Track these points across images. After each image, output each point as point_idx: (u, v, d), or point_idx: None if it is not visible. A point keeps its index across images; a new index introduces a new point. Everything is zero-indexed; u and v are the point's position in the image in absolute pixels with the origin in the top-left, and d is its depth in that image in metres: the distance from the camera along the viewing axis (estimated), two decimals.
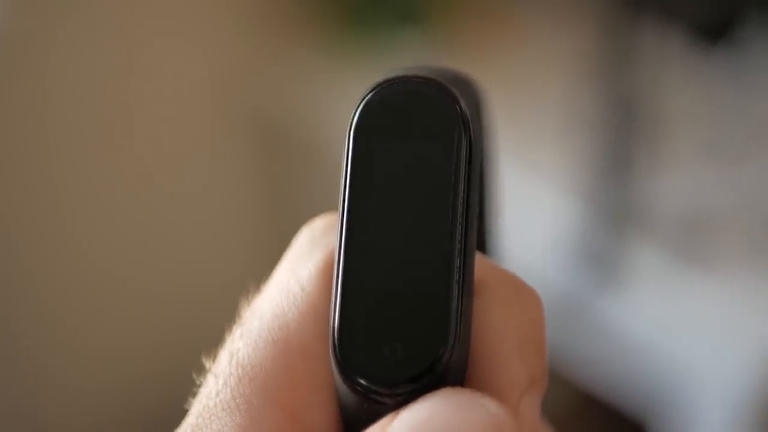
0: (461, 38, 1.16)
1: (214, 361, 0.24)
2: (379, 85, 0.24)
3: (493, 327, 0.23)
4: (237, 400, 0.23)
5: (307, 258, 0.24)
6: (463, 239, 0.23)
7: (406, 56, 1.13)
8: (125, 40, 1.10)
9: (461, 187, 0.23)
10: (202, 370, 0.24)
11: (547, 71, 1.10)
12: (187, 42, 1.14)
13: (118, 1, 1.09)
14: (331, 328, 0.22)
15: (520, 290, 0.24)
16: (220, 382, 0.23)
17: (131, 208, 1.15)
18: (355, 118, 0.23)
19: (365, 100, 0.24)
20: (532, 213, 0.97)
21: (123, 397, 1.19)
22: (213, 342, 0.26)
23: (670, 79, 0.99)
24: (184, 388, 0.25)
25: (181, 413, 0.24)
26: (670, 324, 0.91)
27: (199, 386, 0.24)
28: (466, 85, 0.26)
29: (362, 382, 0.22)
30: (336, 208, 0.24)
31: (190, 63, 1.15)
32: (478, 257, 0.24)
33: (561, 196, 0.97)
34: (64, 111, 1.07)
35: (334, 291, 0.23)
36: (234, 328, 0.24)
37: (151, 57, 1.12)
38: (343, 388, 0.22)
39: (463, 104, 0.23)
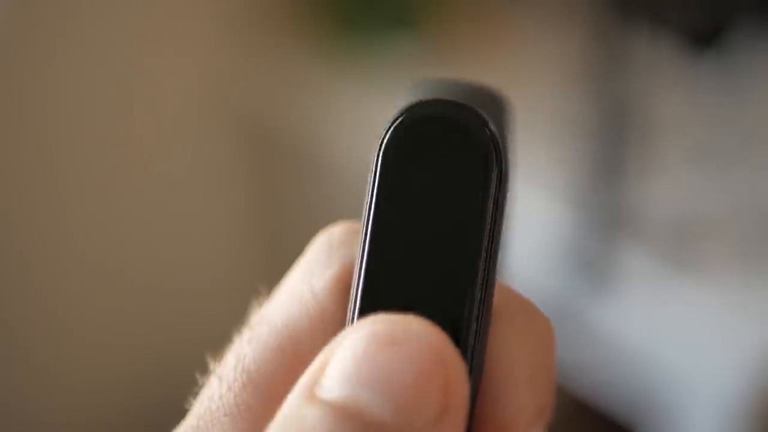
0: (453, 42, 1.16)
1: (218, 362, 0.24)
2: (410, 108, 0.23)
3: (506, 355, 0.23)
4: (240, 407, 0.23)
5: (323, 267, 0.24)
6: (486, 270, 0.22)
7: (398, 61, 1.13)
8: (116, 43, 1.09)
9: (489, 215, 0.23)
10: (204, 370, 0.24)
11: (538, 76, 1.10)
12: (178, 46, 1.14)
13: (109, 6, 1.08)
14: None
15: (535, 319, 0.23)
16: (224, 386, 0.23)
17: (123, 210, 1.15)
18: (385, 140, 0.23)
19: (396, 122, 0.23)
20: (523, 218, 0.97)
21: (121, 396, 1.19)
22: (206, 340, 0.26)
23: (661, 85, 0.99)
24: (182, 387, 0.25)
25: (181, 412, 0.24)
26: (661, 329, 0.91)
27: (201, 386, 0.24)
28: (493, 102, 0.25)
29: None
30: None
31: (181, 66, 1.15)
32: (498, 282, 0.23)
33: (551, 201, 0.97)
34: (56, 115, 1.07)
35: (351, 305, 0.22)
36: (243, 330, 0.24)
37: (142, 60, 1.12)
38: None
39: (493, 128, 0.23)
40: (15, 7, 1.02)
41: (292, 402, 0.20)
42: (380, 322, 0.20)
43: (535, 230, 0.97)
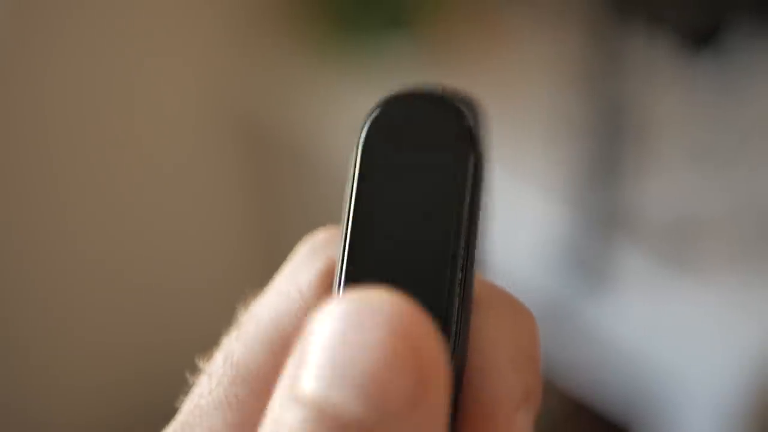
0: (449, 43, 1.16)
1: (208, 362, 0.24)
2: (388, 100, 0.24)
3: (489, 341, 0.23)
4: (229, 399, 0.23)
5: (307, 266, 0.25)
6: (466, 255, 0.23)
7: (394, 61, 1.13)
8: (113, 44, 1.09)
9: (467, 203, 0.23)
10: (195, 370, 0.24)
11: (534, 76, 1.10)
12: (176, 46, 1.14)
13: (107, 7, 1.08)
14: None
15: (515, 307, 0.24)
16: (214, 381, 0.23)
17: (121, 210, 1.15)
18: (364, 132, 0.24)
19: (374, 115, 0.24)
20: (519, 218, 0.97)
21: (119, 396, 1.19)
22: (204, 340, 0.26)
23: (658, 84, 0.99)
24: (180, 386, 0.25)
25: (174, 411, 0.24)
26: (658, 329, 0.91)
27: (192, 386, 0.24)
28: (470, 104, 0.26)
29: None
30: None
31: (179, 67, 1.15)
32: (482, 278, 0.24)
33: (548, 201, 0.97)
34: (53, 115, 1.07)
35: (334, 293, 0.23)
36: (230, 330, 0.24)
37: (139, 60, 1.12)
38: None
39: (470, 120, 0.24)
40: (13, 6, 1.02)
41: (275, 405, 0.19)
42: (347, 299, 0.19)
43: (532, 230, 0.97)
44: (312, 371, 0.18)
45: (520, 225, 0.97)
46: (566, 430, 1.04)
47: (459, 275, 0.23)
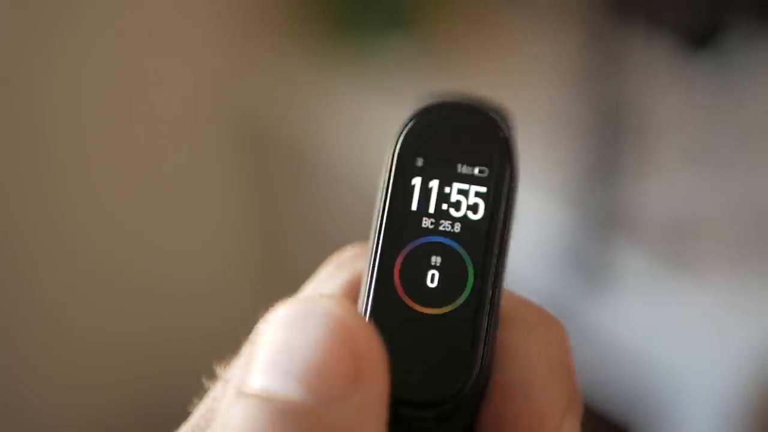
0: (448, 43, 1.16)
1: (225, 367, 0.24)
2: (422, 110, 0.24)
3: (526, 353, 0.23)
4: None
5: (333, 278, 0.25)
6: (496, 269, 0.23)
7: (394, 61, 1.13)
8: (112, 44, 1.09)
9: (500, 220, 0.23)
10: (205, 372, 0.24)
11: (534, 76, 1.10)
12: (174, 46, 1.14)
13: (106, 7, 1.08)
14: None
15: (546, 319, 0.24)
16: (230, 388, 0.23)
17: (120, 210, 1.15)
18: (399, 142, 0.23)
19: (409, 125, 0.23)
20: (519, 218, 0.97)
21: (118, 396, 1.19)
22: (203, 340, 0.26)
23: (657, 85, 0.99)
24: (179, 386, 0.25)
25: (178, 411, 0.24)
26: (658, 329, 0.91)
27: (207, 390, 0.24)
28: (503, 114, 0.26)
29: None
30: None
31: (178, 67, 1.15)
32: (508, 290, 0.24)
33: (547, 201, 0.97)
34: (51, 116, 1.07)
35: (361, 307, 0.23)
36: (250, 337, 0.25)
37: (138, 61, 1.12)
38: None
39: (505, 130, 0.23)
40: (13, 6, 1.02)
41: (222, 406, 0.21)
42: (289, 305, 0.21)
43: (531, 230, 0.97)
44: (257, 370, 0.20)
45: (520, 225, 0.97)
46: None
47: (489, 293, 0.22)
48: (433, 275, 0.23)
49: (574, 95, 0.98)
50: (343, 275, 0.25)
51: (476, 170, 0.23)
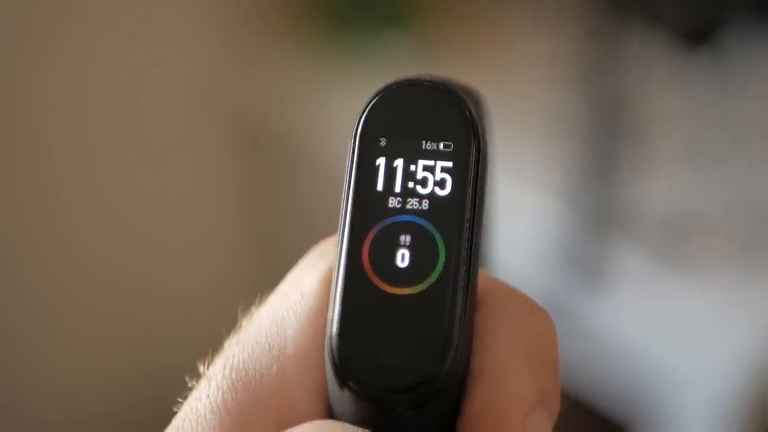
0: (445, 41, 1.16)
1: (208, 366, 0.24)
2: (386, 89, 0.23)
3: (501, 338, 0.22)
4: (228, 404, 0.23)
5: (311, 269, 0.24)
6: (469, 244, 0.22)
7: (391, 59, 1.13)
8: (111, 45, 1.09)
9: (469, 195, 0.22)
10: (194, 374, 0.24)
11: (530, 73, 1.10)
12: (170, 45, 1.14)
13: (105, 7, 1.08)
14: (329, 331, 0.22)
15: (529, 307, 0.23)
16: (212, 385, 0.23)
17: (116, 209, 1.15)
18: (362, 121, 0.23)
19: (372, 104, 0.23)
20: (516, 215, 0.97)
21: (116, 395, 1.19)
22: (201, 339, 0.26)
23: (654, 82, 0.99)
24: (177, 385, 0.25)
25: (169, 412, 0.24)
26: (655, 326, 0.91)
27: (191, 389, 0.24)
28: (471, 93, 0.25)
29: (357, 387, 0.21)
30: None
31: (174, 66, 1.15)
32: (488, 274, 0.23)
33: (545, 199, 0.97)
34: (47, 115, 1.07)
35: (333, 294, 0.22)
36: (231, 334, 0.24)
37: (134, 59, 1.11)
38: (336, 394, 0.22)
39: (472, 109, 0.23)
40: (13, 6, 1.02)
41: None
42: None
43: (528, 227, 0.97)
44: None
45: (517, 222, 0.97)
46: (562, 427, 1.04)
47: (463, 269, 0.22)
48: (403, 254, 0.22)
49: (572, 92, 0.98)
50: (322, 265, 0.24)
51: (441, 145, 0.22)
